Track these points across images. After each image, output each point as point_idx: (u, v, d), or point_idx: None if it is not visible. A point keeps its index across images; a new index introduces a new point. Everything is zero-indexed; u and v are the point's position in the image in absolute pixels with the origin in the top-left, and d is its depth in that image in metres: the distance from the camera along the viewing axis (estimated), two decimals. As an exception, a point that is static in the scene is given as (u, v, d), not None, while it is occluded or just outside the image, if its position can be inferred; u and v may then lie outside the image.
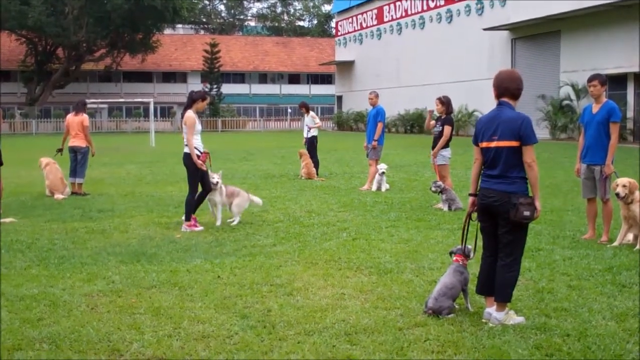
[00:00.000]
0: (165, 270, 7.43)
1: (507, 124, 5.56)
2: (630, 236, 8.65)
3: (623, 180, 8.51)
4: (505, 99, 5.69)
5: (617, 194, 8.48)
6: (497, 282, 5.65)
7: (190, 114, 10.03)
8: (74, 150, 14.43)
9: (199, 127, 10.19)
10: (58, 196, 13.69)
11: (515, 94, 5.70)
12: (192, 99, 10.15)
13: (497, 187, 5.59)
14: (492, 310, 5.65)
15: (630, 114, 31.19)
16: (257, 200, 10.87)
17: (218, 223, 10.35)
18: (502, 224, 5.61)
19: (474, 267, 6.30)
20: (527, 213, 5.45)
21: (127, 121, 62.69)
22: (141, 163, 22.44)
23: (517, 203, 5.45)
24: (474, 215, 5.94)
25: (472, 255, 6.19)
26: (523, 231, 5.67)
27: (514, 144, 5.53)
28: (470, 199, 5.96)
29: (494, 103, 5.77)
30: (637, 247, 8.31)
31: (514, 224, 5.53)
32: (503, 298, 5.63)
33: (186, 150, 10.07)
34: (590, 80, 9.00)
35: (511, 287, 5.65)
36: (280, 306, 6.06)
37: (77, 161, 14.41)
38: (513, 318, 5.61)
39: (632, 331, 5.39)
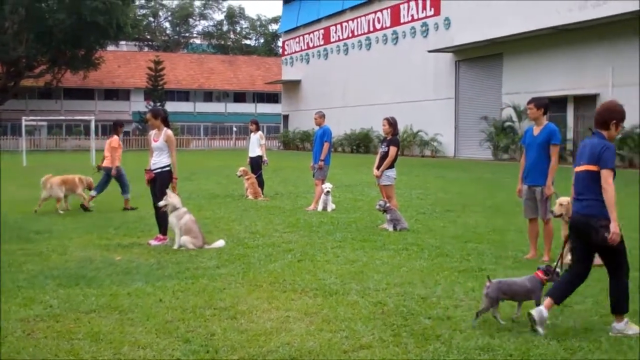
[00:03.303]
0: (105, 293, 7.24)
1: (591, 149, 5.97)
2: (570, 256, 8.77)
3: (562, 200, 8.68)
4: (597, 129, 6.07)
5: (551, 211, 8.68)
6: (610, 297, 6.00)
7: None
8: (104, 171, 15.27)
9: (152, 144, 10.75)
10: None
11: (605, 124, 6.02)
12: None
13: (581, 210, 6.00)
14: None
15: (570, 135, 31.93)
16: (218, 244, 10.23)
17: (175, 246, 10.09)
18: (592, 245, 5.97)
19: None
20: (607, 234, 5.73)
21: (67, 139, 61.59)
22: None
23: (596, 226, 5.77)
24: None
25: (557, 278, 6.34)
26: (614, 250, 5.89)
27: (594, 167, 5.87)
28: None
29: (439, 123, 5.92)
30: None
31: (600, 246, 5.84)
32: (619, 311, 5.90)
33: None
34: (527, 103, 9.30)
35: (623, 301, 5.92)
36: (223, 330, 5.95)
37: (119, 181, 15.11)
38: (632, 328, 5.89)
39: (574, 350, 5.46)
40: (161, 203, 10.33)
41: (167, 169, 10.57)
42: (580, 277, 6.12)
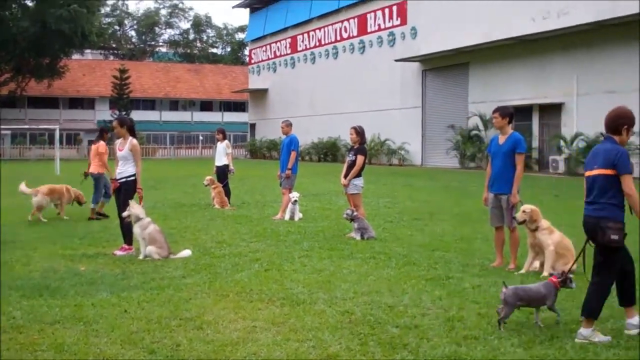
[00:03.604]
0: (70, 304, 7.14)
1: (605, 154, 6.07)
2: (536, 263, 8.88)
3: (525, 207, 8.79)
4: (609, 134, 6.18)
5: (514, 218, 8.78)
6: (585, 299, 6.09)
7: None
8: (91, 177, 15.07)
9: (117, 153, 10.67)
10: None
11: (616, 130, 6.15)
12: None
13: (592, 212, 6.07)
14: (632, 320, 6.14)
15: (535, 144, 32.31)
16: (184, 253, 10.14)
17: (140, 257, 9.97)
18: (595, 247, 6.06)
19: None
20: (614, 237, 5.85)
21: (31, 148, 60.74)
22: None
23: (604, 226, 5.85)
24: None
25: (572, 285, 6.50)
26: (613, 255, 5.99)
27: (609, 172, 5.96)
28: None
29: (406, 132, 5.93)
30: (544, 273, 8.51)
31: (603, 247, 5.93)
32: (588, 314, 6.00)
33: None
34: (493, 112, 9.41)
35: (597, 305, 6.01)
36: (189, 341, 5.89)
37: (95, 187, 14.97)
38: (598, 336, 5.93)
39: (540, 357, 5.50)
40: (124, 214, 10.25)
41: (132, 178, 10.47)
42: (626, 274, 6.20)
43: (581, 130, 29.19)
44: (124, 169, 10.50)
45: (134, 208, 10.19)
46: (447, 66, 38.12)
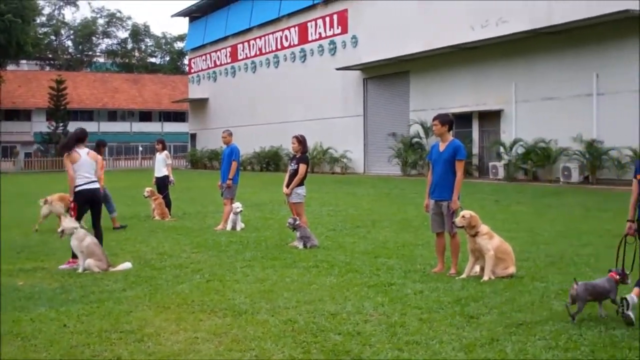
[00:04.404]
0: (7, 320, 6.95)
1: None
2: (477, 268, 9.01)
3: (464, 212, 8.93)
4: None
5: (453, 222, 8.94)
6: None
7: None
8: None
9: None
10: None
11: None
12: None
13: None
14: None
15: (475, 150, 32.82)
16: (124, 266, 9.97)
17: (79, 270, 9.77)
18: None
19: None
20: None
21: (-35, 161, 59.11)
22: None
23: None
24: (631, 238, 6.81)
25: (628, 280, 6.85)
26: None
27: None
28: (628, 224, 6.87)
29: (349, 140, 5.95)
30: (484, 278, 8.65)
31: None
32: None
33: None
34: (433, 120, 9.53)
35: None
36: (130, 353, 5.80)
37: (103, 200, 14.37)
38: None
39: (480, 360, 5.57)
40: (58, 230, 10.11)
41: (77, 189, 10.33)
42: None
43: (520, 137, 29.78)
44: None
45: (65, 222, 10.03)
46: (388, 74, 38.48)
